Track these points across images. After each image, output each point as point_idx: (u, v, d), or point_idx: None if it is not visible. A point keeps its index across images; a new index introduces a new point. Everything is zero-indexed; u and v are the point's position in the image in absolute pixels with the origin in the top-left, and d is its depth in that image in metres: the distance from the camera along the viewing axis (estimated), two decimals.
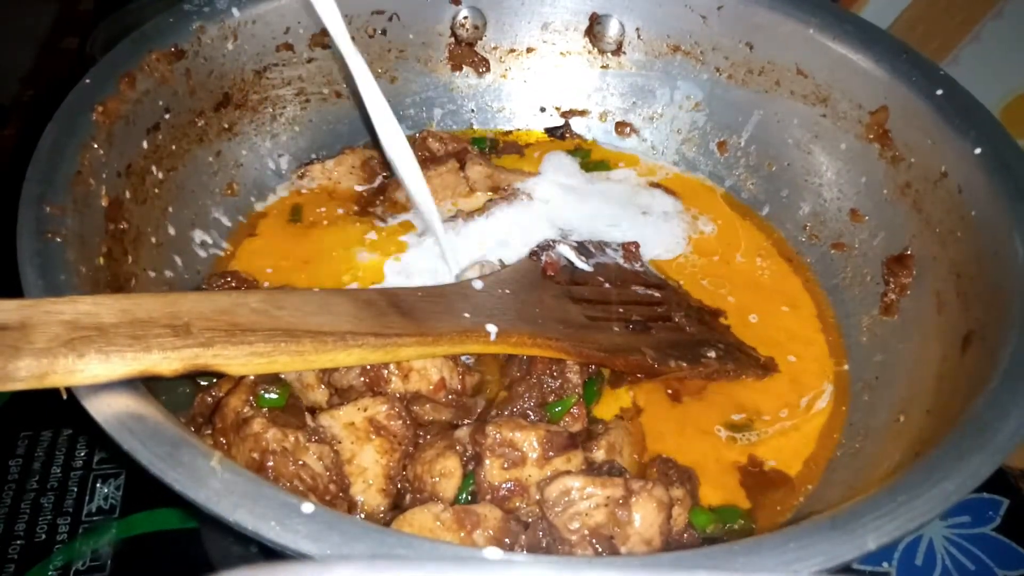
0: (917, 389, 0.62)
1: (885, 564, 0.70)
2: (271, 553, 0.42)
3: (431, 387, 0.61)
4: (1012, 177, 0.61)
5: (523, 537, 0.54)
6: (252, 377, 0.57)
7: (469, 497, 0.57)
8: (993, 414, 0.48)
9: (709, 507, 0.61)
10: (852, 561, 0.42)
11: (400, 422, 0.57)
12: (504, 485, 0.56)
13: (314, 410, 0.59)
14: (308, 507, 0.41)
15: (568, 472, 0.55)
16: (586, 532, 0.53)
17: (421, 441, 0.59)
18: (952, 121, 0.67)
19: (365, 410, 0.57)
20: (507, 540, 0.53)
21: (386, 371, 0.60)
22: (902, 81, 0.71)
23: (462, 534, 0.51)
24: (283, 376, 0.60)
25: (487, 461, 0.56)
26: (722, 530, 0.59)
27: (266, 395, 0.56)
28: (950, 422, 0.50)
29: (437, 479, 0.56)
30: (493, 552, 0.40)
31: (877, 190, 0.74)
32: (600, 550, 0.52)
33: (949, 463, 0.46)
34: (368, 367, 0.60)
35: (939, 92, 0.68)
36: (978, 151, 0.64)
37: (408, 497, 0.57)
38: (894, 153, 0.73)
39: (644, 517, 0.53)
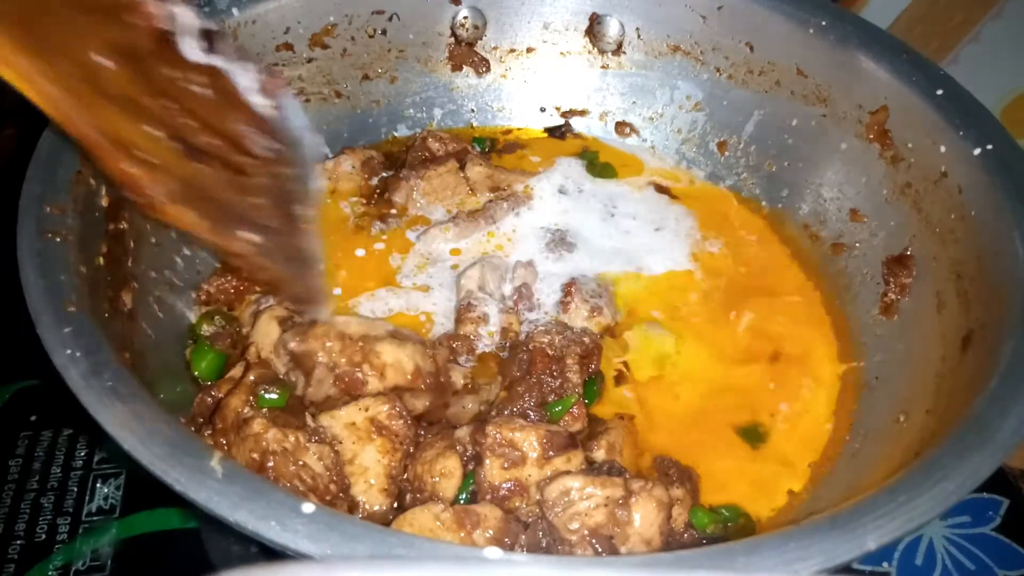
0: (917, 389, 0.62)
1: (885, 564, 0.70)
2: (271, 553, 0.42)
3: (408, 377, 0.60)
4: (1012, 177, 0.61)
5: (523, 537, 0.54)
6: (252, 378, 0.57)
7: (469, 497, 0.57)
8: (993, 414, 0.48)
9: (710, 507, 0.61)
10: (852, 561, 0.42)
11: (402, 422, 0.57)
12: (504, 485, 0.56)
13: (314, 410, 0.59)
14: (308, 507, 0.41)
15: (568, 472, 0.55)
16: (586, 532, 0.53)
17: (421, 440, 0.59)
18: (952, 121, 0.66)
19: (366, 410, 0.57)
20: (507, 540, 0.53)
21: (360, 374, 0.59)
22: (902, 81, 0.71)
23: (462, 534, 0.51)
24: (283, 377, 0.60)
25: (487, 461, 0.56)
26: (723, 529, 0.59)
27: (266, 395, 0.56)
28: (950, 422, 0.50)
29: (437, 479, 0.56)
30: (493, 552, 0.40)
31: (877, 190, 0.74)
32: (600, 550, 0.52)
33: (949, 463, 0.46)
34: (338, 374, 0.59)
35: (939, 92, 0.68)
36: (978, 151, 0.64)
37: (408, 497, 0.57)
38: (894, 153, 0.73)
39: (644, 517, 0.53)
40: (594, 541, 0.53)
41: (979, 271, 0.61)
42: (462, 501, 0.56)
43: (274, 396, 0.56)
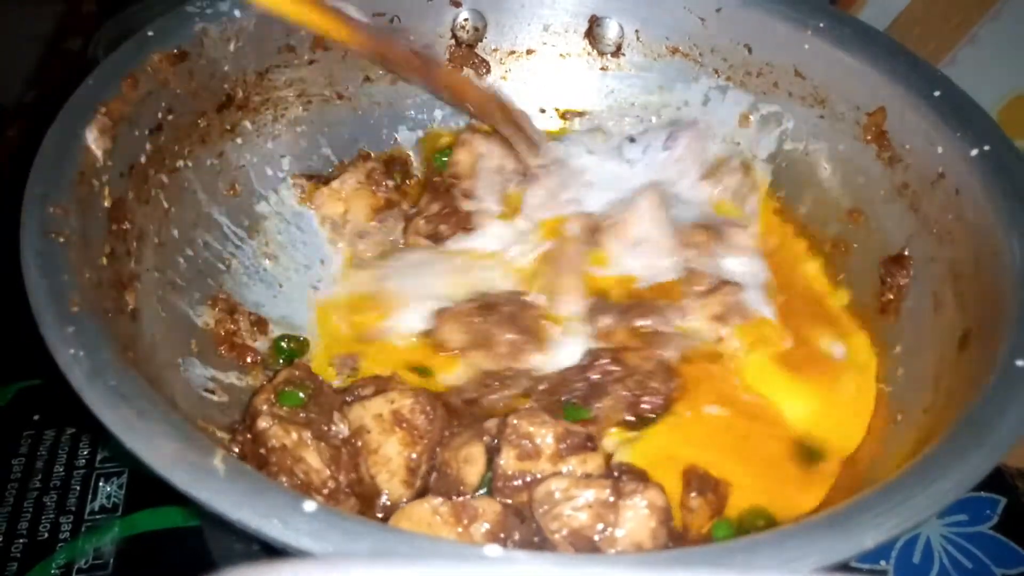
0: (914, 389, 0.62)
1: (883, 562, 0.71)
2: (273, 551, 0.42)
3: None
4: (1009, 178, 0.62)
5: (517, 534, 0.54)
6: (282, 378, 0.59)
7: (489, 484, 0.58)
8: (990, 413, 0.48)
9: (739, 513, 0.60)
10: (850, 559, 0.42)
11: (423, 417, 0.59)
12: (517, 476, 0.57)
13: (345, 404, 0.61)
14: (310, 505, 0.41)
15: (557, 473, 0.56)
16: (565, 533, 0.52)
17: (452, 432, 0.61)
18: (949, 122, 0.67)
19: (392, 403, 0.59)
20: (503, 535, 0.53)
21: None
22: (900, 83, 0.71)
23: (459, 528, 0.52)
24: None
25: (504, 450, 0.57)
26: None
27: (288, 393, 0.58)
28: (947, 421, 0.51)
29: (462, 465, 0.58)
30: (493, 550, 0.40)
31: (875, 191, 0.74)
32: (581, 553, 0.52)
33: (946, 461, 0.46)
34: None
35: (936, 93, 0.69)
36: (975, 152, 0.64)
37: (435, 477, 0.59)
38: (891, 154, 0.73)
39: (633, 520, 0.52)
40: (574, 544, 0.52)
41: (976, 271, 0.61)
42: (486, 486, 0.58)
43: (295, 394, 0.58)
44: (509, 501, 0.56)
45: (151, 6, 1.01)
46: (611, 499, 0.53)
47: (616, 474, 0.59)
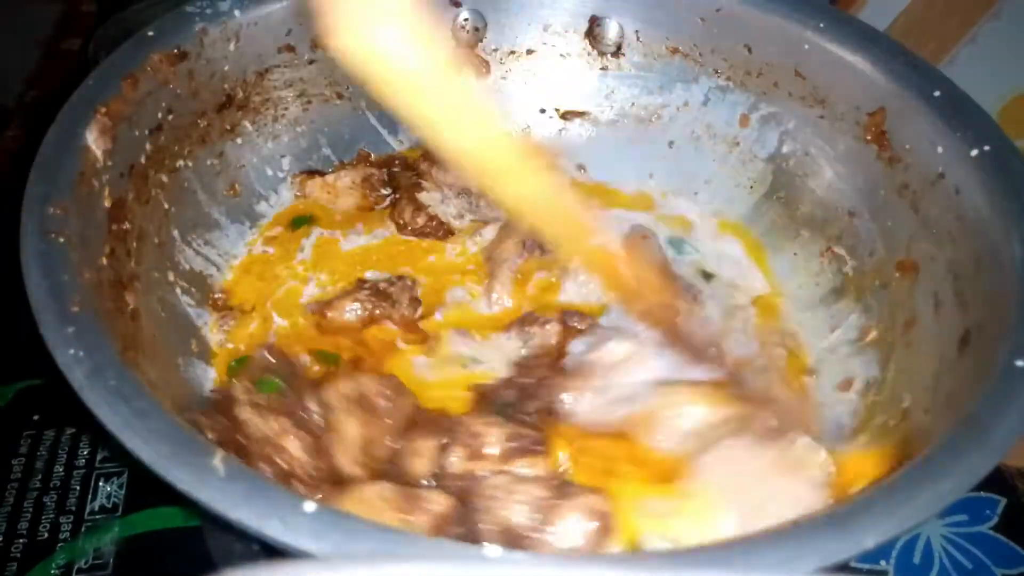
0: (915, 389, 0.62)
1: (883, 562, 0.71)
2: (273, 551, 0.42)
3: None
4: (1010, 178, 0.62)
5: (458, 530, 0.54)
6: (258, 364, 0.60)
7: (434, 480, 0.58)
8: (990, 413, 0.48)
9: None
10: (850, 560, 0.42)
11: (382, 400, 0.60)
12: (463, 474, 0.57)
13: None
14: (310, 505, 0.41)
15: (502, 471, 0.56)
16: (496, 529, 0.53)
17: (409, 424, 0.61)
18: (950, 122, 0.67)
19: (358, 384, 0.60)
20: (445, 527, 0.53)
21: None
22: (899, 83, 0.71)
23: (401, 515, 0.52)
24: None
25: (453, 448, 0.57)
26: None
27: (266, 381, 0.58)
28: (947, 421, 0.51)
29: (411, 457, 0.58)
30: (494, 550, 0.40)
31: (875, 191, 0.74)
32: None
33: (946, 462, 0.46)
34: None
35: (936, 93, 0.69)
36: (975, 152, 0.64)
37: (387, 466, 0.59)
38: (891, 154, 0.73)
39: (570, 522, 0.52)
40: (506, 542, 0.52)
41: (976, 271, 0.61)
42: (433, 482, 0.58)
43: (273, 381, 0.58)
44: (454, 497, 0.56)
45: (151, 6, 1.01)
46: (551, 500, 0.53)
47: (562, 472, 0.59)
